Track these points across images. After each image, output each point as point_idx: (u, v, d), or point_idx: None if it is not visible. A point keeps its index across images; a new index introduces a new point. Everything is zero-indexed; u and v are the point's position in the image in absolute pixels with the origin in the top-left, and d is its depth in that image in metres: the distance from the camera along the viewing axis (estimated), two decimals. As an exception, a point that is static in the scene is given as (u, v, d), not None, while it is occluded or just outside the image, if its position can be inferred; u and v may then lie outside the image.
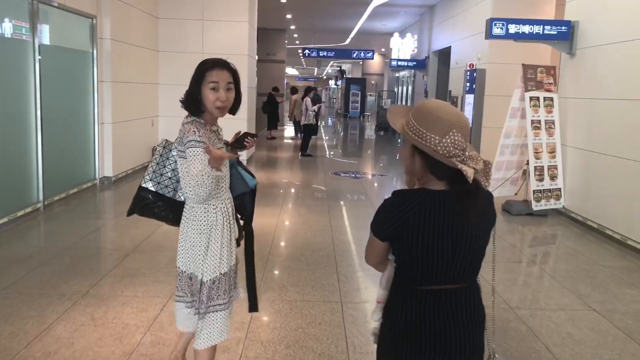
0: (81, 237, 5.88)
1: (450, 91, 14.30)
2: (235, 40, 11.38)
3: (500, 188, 8.03)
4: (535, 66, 7.61)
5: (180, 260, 2.60)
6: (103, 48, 8.67)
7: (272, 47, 24.16)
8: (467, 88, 12.03)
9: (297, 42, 29.84)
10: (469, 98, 11.86)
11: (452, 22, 14.51)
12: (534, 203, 7.49)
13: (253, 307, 2.85)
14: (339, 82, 45.76)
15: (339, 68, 44.61)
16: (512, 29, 7.47)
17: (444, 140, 1.60)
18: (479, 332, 1.77)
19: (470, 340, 1.72)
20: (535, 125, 7.51)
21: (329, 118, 36.12)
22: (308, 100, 13.33)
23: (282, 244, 6.02)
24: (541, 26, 7.40)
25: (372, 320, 1.91)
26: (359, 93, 32.53)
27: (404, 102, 21.91)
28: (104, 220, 6.92)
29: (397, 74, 23.98)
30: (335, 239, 6.16)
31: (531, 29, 7.43)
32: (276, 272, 5.04)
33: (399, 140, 19.28)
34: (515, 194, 8.24)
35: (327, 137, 20.76)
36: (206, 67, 2.56)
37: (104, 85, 8.73)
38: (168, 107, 11.45)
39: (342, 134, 24.34)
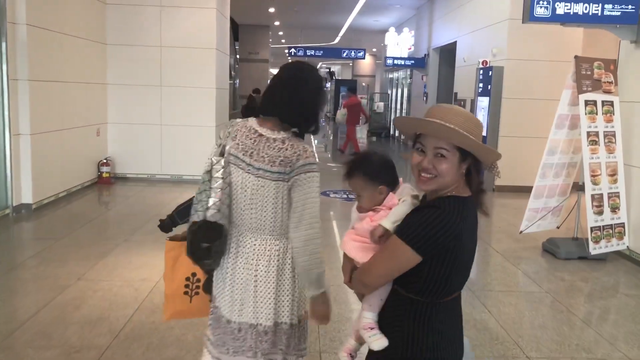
0: None
1: (455, 93, 12.35)
2: (201, 31, 9.35)
3: (540, 221, 6.06)
4: (592, 59, 5.66)
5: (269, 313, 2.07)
6: (16, 36, 6.59)
7: (255, 45, 22.14)
8: (480, 89, 10.08)
9: (283, 40, 27.82)
10: (482, 101, 9.91)
11: (458, 14, 12.56)
12: (591, 245, 5.53)
13: None
14: (328, 85, 43.82)
15: (328, 69, 42.65)
16: (561, 8, 5.52)
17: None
18: None
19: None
20: (592, 139, 5.55)
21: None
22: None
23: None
24: (600, 5, 5.46)
25: (374, 348, 1.68)
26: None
27: (399, 106, 19.96)
28: (7, 266, 4.88)
29: (390, 75, 22.04)
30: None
31: (586, 8, 5.48)
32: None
33: (401, 148, 17.32)
34: (558, 227, 6.29)
35: (315, 143, 18.75)
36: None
37: (19, 84, 6.66)
38: (120, 113, 9.39)
39: (331, 138, 22.35)
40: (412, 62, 15.45)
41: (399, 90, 20.18)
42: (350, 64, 37.39)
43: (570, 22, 5.60)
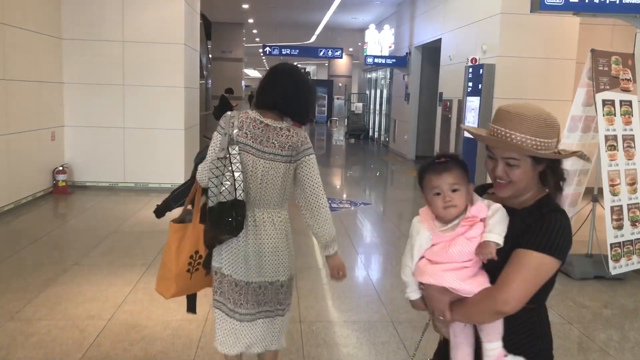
0: None
1: (441, 93, 11.72)
2: (168, 25, 8.52)
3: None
4: (609, 53, 5.03)
5: (277, 272, 2.49)
6: (-50, 26, 5.72)
7: (228, 44, 21.28)
8: (469, 89, 9.45)
9: (257, 39, 26.98)
10: (472, 101, 9.28)
11: (442, 9, 11.93)
12: (611, 264, 4.88)
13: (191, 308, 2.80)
14: (303, 85, 42.97)
15: (302, 69, 41.84)
16: (575, -5, 4.86)
17: (559, 139, 1.58)
18: None
19: None
20: (611, 143, 4.91)
21: (293, 123, 33.25)
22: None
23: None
24: (619, -9, 4.82)
25: None
26: (326, 96, 29.81)
27: (378, 107, 19.30)
28: None
29: (369, 75, 21.37)
30: None
31: (603, -5, 4.83)
32: None
33: (381, 151, 16.67)
34: (567, 242, 5.63)
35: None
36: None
37: (-47, 82, 5.79)
38: (78, 115, 8.51)
39: (310, 140, 21.63)
40: (394, 60, 14.79)
41: (378, 91, 19.52)
42: (326, 64, 36.67)
43: (585, 11, 4.95)
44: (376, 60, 14.91)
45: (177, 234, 2.55)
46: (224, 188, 2.31)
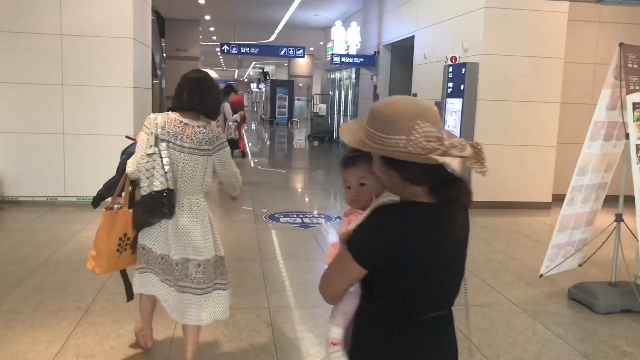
0: None
1: (414, 94, 10.96)
2: (113, 17, 7.44)
3: (568, 260, 4.67)
4: (638, 47, 4.30)
5: (196, 250, 2.88)
6: None
7: (183, 42, 20.10)
8: (449, 90, 8.71)
9: (214, 37, 25.82)
10: (454, 103, 8.54)
11: (415, 5, 11.19)
12: (645, 295, 4.16)
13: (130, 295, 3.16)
14: (262, 85, 41.91)
15: (261, 70, 40.76)
16: (598, -20, 4.10)
17: (412, 137, 1.35)
18: None
19: None
20: (642, 153, 4.19)
21: (253, 123, 32.17)
22: (227, 106, 9.51)
23: None
24: (648, -24, 4.09)
25: None
26: (287, 97, 28.88)
27: (343, 108, 18.50)
28: None
29: (332, 75, 20.53)
30: None
31: (630, -19, 4.09)
32: None
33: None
34: (580, 265, 4.93)
35: (255, 150, 16.98)
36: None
37: None
38: (8, 119, 7.36)
39: (270, 143, 20.66)
40: (361, 60, 14.00)
41: (343, 92, 18.72)
42: (286, 64, 35.72)
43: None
44: (343, 59, 14.06)
45: (108, 220, 2.94)
46: (156, 179, 2.72)
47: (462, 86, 8.25)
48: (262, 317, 4.03)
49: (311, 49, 27.17)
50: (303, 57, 20.23)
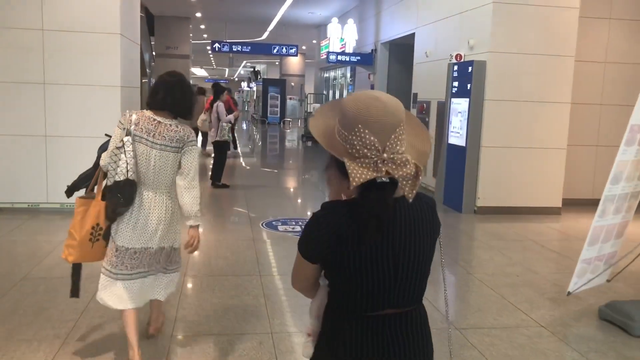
0: None
1: (415, 94, 10.56)
2: (99, 10, 6.95)
3: (589, 274, 4.27)
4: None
5: (159, 240, 3.09)
6: None
7: (173, 39, 19.61)
8: (454, 89, 8.30)
9: (205, 35, 25.32)
10: (459, 104, 8.13)
11: (415, 1, 10.78)
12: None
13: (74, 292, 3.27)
14: (252, 85, 41.36)
15: (252, 68, 40.23)
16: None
17: (350, 137, 1.37)
18: None
19: None
20: (685, 161, 3.78)
21: (244, 123, 31.65)
22: (220, 106, 9.02)
23: None
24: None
25: (303, 356, 1.68)
26: (279, 96, 28.39)
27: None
28: None
29: (326, 74, 20.11)
30: None
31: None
32: None
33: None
34: (608, 281, 4.53)
35: (247, 150, 16.50)
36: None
37: None
38: (-16, 120, 6.85)
39: (262, 143, 20.18)
40: (358, 58, 13.56)
41: (337, 91, 18.29)
42: (277, 63, 35.22)
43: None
44: (339, 57, 13.62)
45: (82, 208, 3.03)
46: (119, 170, 2.87)
47: (468, 85, 7.84)
48: (265, 346, 3.59)
49: (303, 47, 26.73)
50: (296, 55, 19.83)
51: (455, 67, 8.27)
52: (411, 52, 10.92)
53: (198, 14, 19.20)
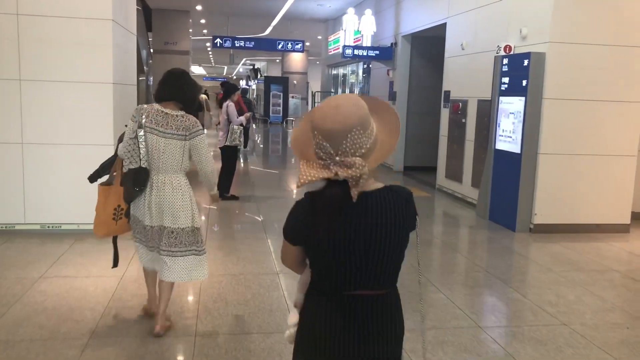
0: None
1: (447, 92, 9.37)
2: (86, -8, 5.75)
3: None
4: None
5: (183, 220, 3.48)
6: None
7: (172, 34, 18.40)
8: (504, 86, 7.12)
9: (205, 31, 24.07)
10: (511, 103, 6.94)
11: (445, -13, 9.59)
12: None
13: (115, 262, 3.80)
14: (251, 83, 40.09)
15: (252, 66, 38.96)
16: None
17: (314, 142, 1.57)
18: (395, 346, 1.67)
19: (384, 352, 1.64)
20: None
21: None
22: (231, 106, 7.79)
23: None
24: None
25: (288, 324, 1.82)
26: (281, 95, 27.18)
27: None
28: None
29: (334, 71, 18.91)
30: None
31: None
32: None
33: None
34: None
35: (255, 153, 15.27)
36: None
37: None
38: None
39: (267, 146, 18.95)
40: (377, 52, 12.36)
41: (347, 89, 17.10)
42: (278, 60, 33.99)
43: None
44: (356, 51, 12.40)
45: (104, 193, 3.60)
46: (134, 159, 3.36)
47: (524, 82, 6.65)
48: None
49: (307, 43, 25.50)
50: (302, 51, 18.66)
51: (505, 61, 7.08)
52: (437, 45, 9.73)
53: (198, 7, 17.96)
